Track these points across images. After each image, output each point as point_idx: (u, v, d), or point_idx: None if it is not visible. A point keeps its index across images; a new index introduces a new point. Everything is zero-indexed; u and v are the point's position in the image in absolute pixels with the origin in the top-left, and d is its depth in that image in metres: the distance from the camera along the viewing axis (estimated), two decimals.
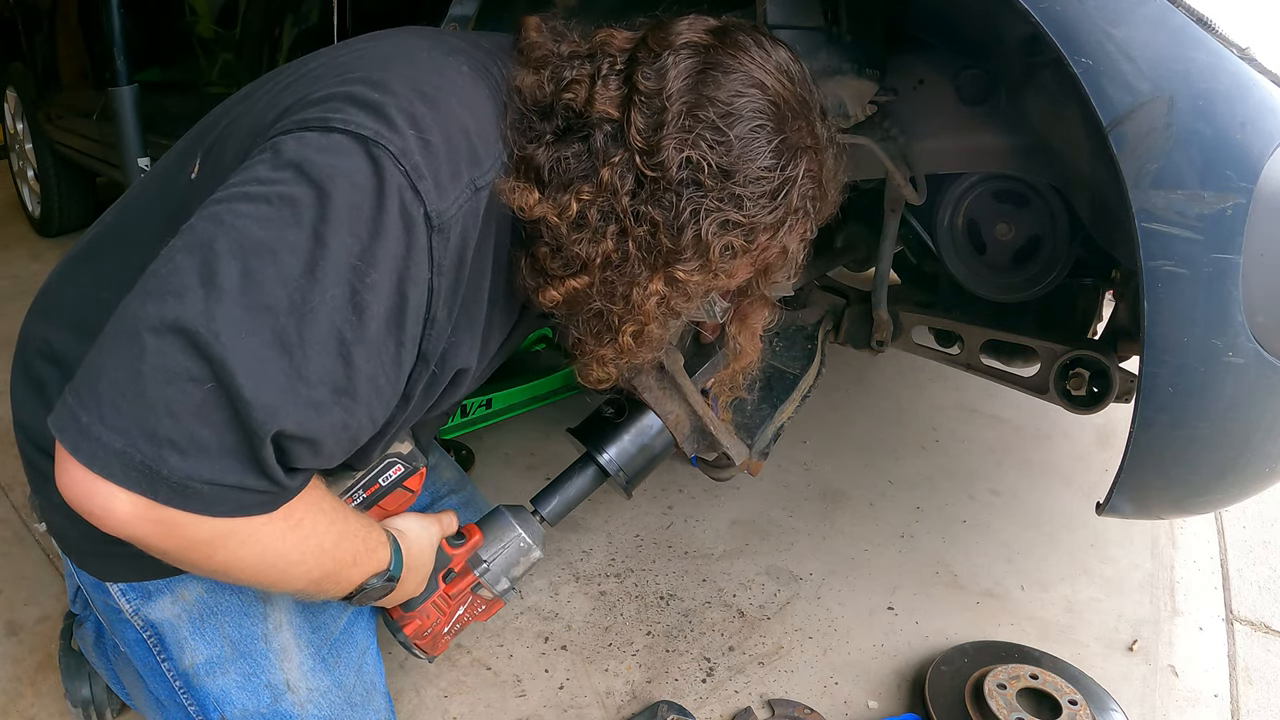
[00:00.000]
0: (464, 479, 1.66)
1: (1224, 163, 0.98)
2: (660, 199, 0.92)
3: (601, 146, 0.93)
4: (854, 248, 1.90)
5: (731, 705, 1.53)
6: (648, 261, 0.95)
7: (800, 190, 0.97)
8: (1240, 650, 1.73)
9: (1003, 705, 1.43)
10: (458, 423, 2.21)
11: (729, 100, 0.92)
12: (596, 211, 0.93)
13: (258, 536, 0.86)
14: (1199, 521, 2.12)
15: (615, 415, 1.33)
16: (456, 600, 1.28)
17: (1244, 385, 1.07)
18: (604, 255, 0.94)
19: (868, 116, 1.39)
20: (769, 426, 1.50)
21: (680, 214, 0.92)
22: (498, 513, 1.32)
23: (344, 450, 0.89)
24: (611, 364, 1.07)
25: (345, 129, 0.82)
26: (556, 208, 0.93)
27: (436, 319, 0.91)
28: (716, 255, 0.94)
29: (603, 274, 0.95)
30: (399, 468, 1.16)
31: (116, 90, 2.26)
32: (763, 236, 0.98)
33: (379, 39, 1.02)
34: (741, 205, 0.93)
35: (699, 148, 0.91)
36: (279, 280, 0.77)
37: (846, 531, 2.00)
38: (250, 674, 1.14)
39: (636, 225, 0.93)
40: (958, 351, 1.74)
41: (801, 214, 1.00)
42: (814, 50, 1.28)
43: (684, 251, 0.94)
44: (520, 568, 1.31)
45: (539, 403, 2.38)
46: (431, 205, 0.84)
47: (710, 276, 0.97)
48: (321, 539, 0.94)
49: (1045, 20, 1.00)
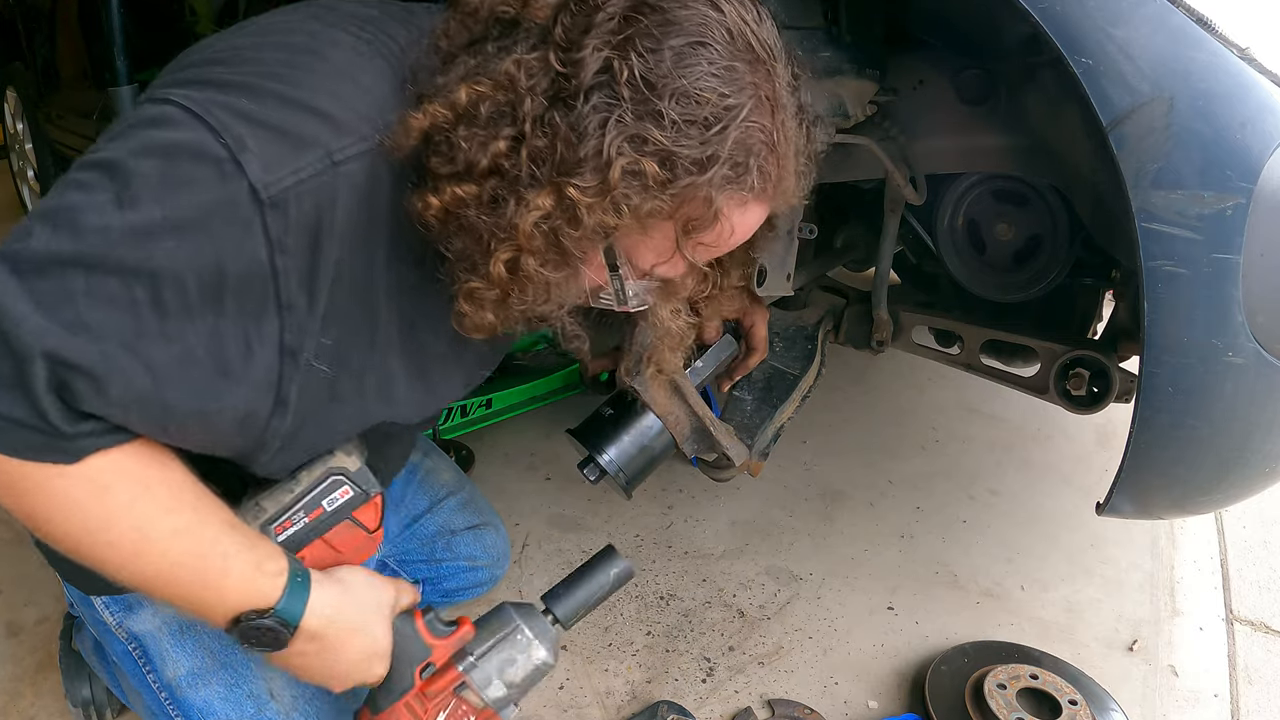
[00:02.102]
0: (463, 480, 1.66)
1: (1224, 163, 0.98)
2: (569, 103, 0.80)
3: (516, 43, 0.83)
4: (854, 248, 1.90)
5: (731, 705, 1.53)
6: (540, 173, 0.82)
7: (741, 135, 0.82)
8: (1240, 650, 1.73)
9: (1003, 705, 1.43)
10: (458, 423, 2.21)
11: (672, 8, 0.81)
12: (491, 107, 0.82)
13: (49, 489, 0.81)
14: (1199, 521, 2.12)
15: (615, 416, 1.33)
16: (435, 704, 1.05)
17: (1244, 385, 1.07)
18: (493, 159, 0.82)
19: (868, 116, 1.39)
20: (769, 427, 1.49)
21: (585, 119, 0.80)
22: (499, 607, 1.11)
23: (156, 418, 0.83)
24: (489, 306, 0.90)
25: (178, 101, 0.80)
26: (446, 103, 0.82)
27: (294, 306, 0.83)
28: (618, 177, 0.80)
29: (488, 183, 0.83)
30: (346, 490, 1.02)
31: (116, 90, 2.26)
32: (683, 175, 0.82)
33: (273, 15, 0.95)
34: (660, 123, 0.80)
35: (624, 51, 0.79)
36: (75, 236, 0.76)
37: (846, 531, 2.00)
38: (232, 684, 1.13)
39: (536, 131, 0.81)
40: (958, 351, 1.74)
41: (741, 171, 0.84)
42: (814, 50, 1.28)
43: (581, 165, 0.80)
44: (519, 670, 1.07)
45: (539, 403, 2.38)
46: (255, 178, 0.78)
47: (610, 208, 0.82)
48: (142, 521, 0.85)
49: (1045, 20, 1.00)
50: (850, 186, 1.76)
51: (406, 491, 1.54)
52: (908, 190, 1.49)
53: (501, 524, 1.72)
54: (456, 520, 1.60)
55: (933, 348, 1.82)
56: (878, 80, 1.35)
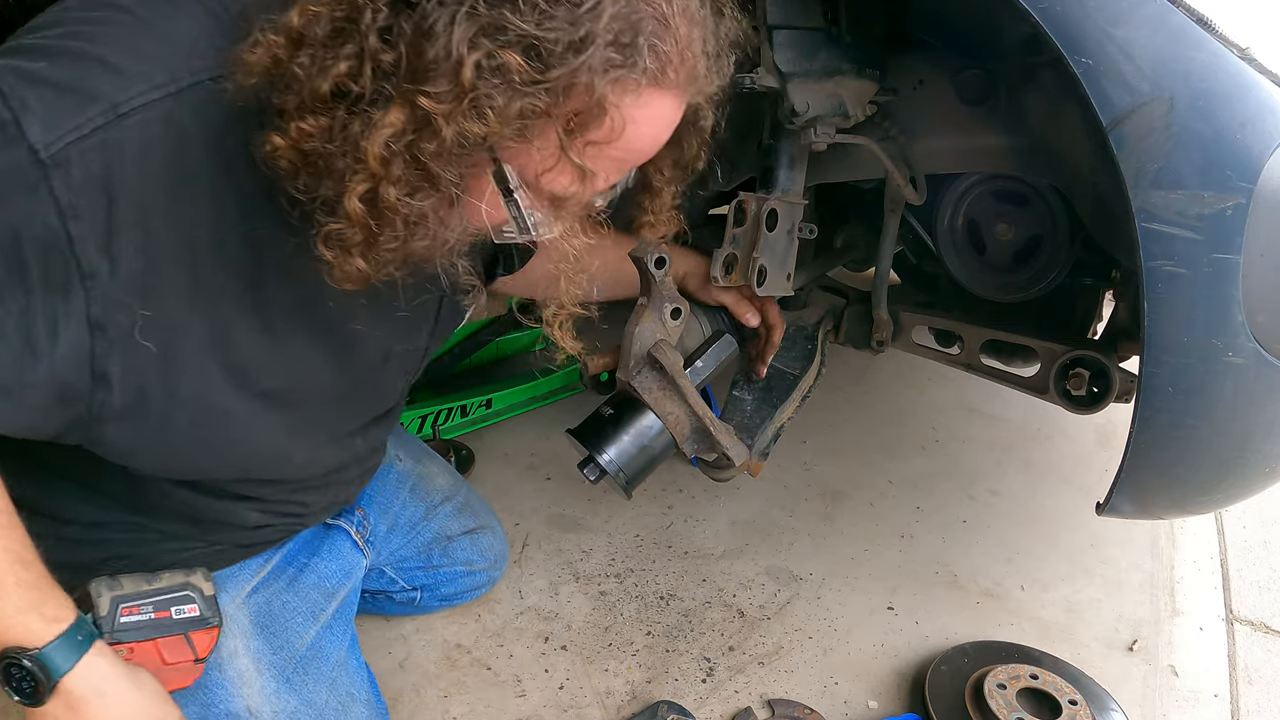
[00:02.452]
0: (458, 485, 1.65)
1: (1224, 163, 0.98)
2: (412, 3, 0.72)
3: None
4: (854, 248, 1.90)
5: (731, 705, 1.53)
6: (388, 88, 0.73)
7: (621, 9, 0.73)
8: (1240, 650, 1.73)
9: (1003, 705, 1.43)
10: (458, 423, 2.22)
11: None
12: (328, 25, 0.74)
13: None
14: (1199, 521, 2.12)
15: (615, 416, 1.33)
16: None
17: (1244, 385, 1.07)
18: (335, 82, 0.74)
19: (868, 116, 1.39)
20: (769, 427, 1.49)
21: (431, 17, 0.71)
22: None
23: None
24: (355, 250, 0.80)
25: None
26: (280, 29, 0.75)
27: (96, 274, 0.77)
28: (472, 75, 0.71)
29: (335, 111, 0.75)
30: (194, 608, 1.04)
31: None
32: (555, 64, 0.72)
33: None
34: (518, 8, 0.70)
35: None
36: None
37: (846, 531, 2.00)
38: (208, 705, 1.12)
39: (380, 42, 0.73)
40: (958, 351, 1.74)
41: (629, 53, 0.74)
42: (814, 50, 1.28)
43: (431, 69, 0.71)
44: None
45: (539, 403, 2.38)
46: (35, 138, 0.73)
47: (471, 114, 0.73)
48: None
49: (1045, 20, 1.00)
50: (850, 186, 1.76)
51: (396, 499, 1.52)
52: (908, 190, 1.49)
53: (499, 525, 1.72)
54: (452, 526, 1.59)
55: (933, 348, 1.82)
56: (878, 80, 1.35)
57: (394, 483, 1.52)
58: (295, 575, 1.29)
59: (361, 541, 1.40)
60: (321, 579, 1.31)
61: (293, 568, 1.29)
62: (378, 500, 1.48)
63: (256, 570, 1.24)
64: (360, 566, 1.40)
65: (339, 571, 1.34)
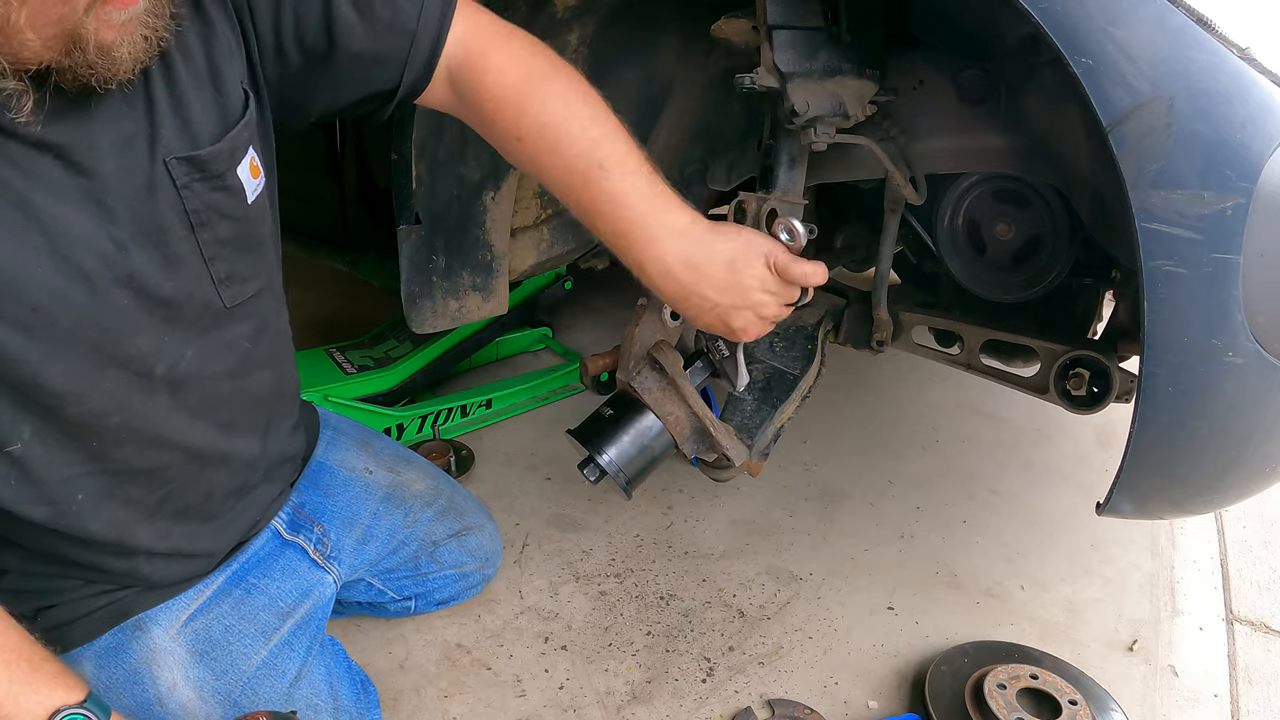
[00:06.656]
0: (439, 489, 1.62)
1: (1224, 163, 0.98)
2: None
3: None
4: (854, 248, 1.90)
5: (731, 705, 1.53)
6: None
7: None
8: (1240, 650, 1.73)
9: (1003, 705, 1.43)
10: (458, 423, 2.22)
11: None
12: None
13: None
14: (1199, 521, 2.12)
15: (615, 416, 1.33)
16: None
17: (1244, 385, 1.07)
18: None
19: (868, 116, 1.39)
20: (769, 427, 1.50)
21: None
22: None
23: None
24: None
25: None
26: None
27: None
28: None
29: None
30: None
31: None
32: None
33: None
34: None
35: None
36: None
37: (846, 531, 2.00)
38: None
39: None
40: (958, 351, 1.74)
41: None
42: (814, 50, 1.28)
43: None
44: None
45: (539, 403, 2.38)
46: None
47: None
48: None
49: (1045, 20, 1.00)
50: (850, 186, 1.76)
51: (364, 509, 1.49)
52: (908, 190, 1.49)
53: (489, 522, 1.71)
54: (437, 530, 1.57)
55: (933, 348, 1.82)
56: (878, 80, 1.35)
57: (360, 494, 1.49)
58: (243, 597, 1.26)
59: (321, 558, 1.37)
60: (273, 599, 1.28)
61: (239, 589, 1.26)
62: (341, 514, 1.45)
63: (194, 598, 1.21)
64: (324, 583, 1.37)
65: (294, 590, 1.31)
